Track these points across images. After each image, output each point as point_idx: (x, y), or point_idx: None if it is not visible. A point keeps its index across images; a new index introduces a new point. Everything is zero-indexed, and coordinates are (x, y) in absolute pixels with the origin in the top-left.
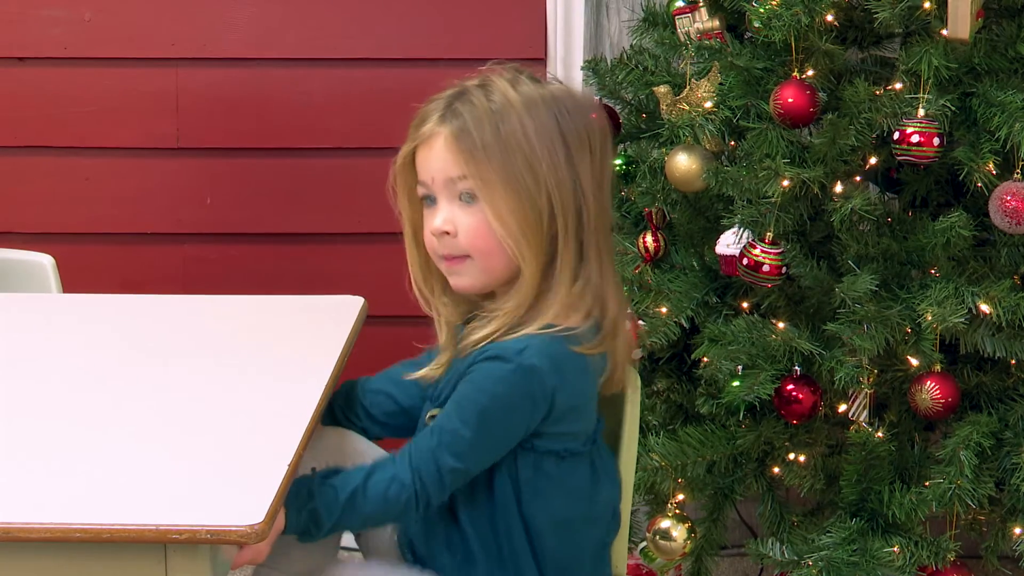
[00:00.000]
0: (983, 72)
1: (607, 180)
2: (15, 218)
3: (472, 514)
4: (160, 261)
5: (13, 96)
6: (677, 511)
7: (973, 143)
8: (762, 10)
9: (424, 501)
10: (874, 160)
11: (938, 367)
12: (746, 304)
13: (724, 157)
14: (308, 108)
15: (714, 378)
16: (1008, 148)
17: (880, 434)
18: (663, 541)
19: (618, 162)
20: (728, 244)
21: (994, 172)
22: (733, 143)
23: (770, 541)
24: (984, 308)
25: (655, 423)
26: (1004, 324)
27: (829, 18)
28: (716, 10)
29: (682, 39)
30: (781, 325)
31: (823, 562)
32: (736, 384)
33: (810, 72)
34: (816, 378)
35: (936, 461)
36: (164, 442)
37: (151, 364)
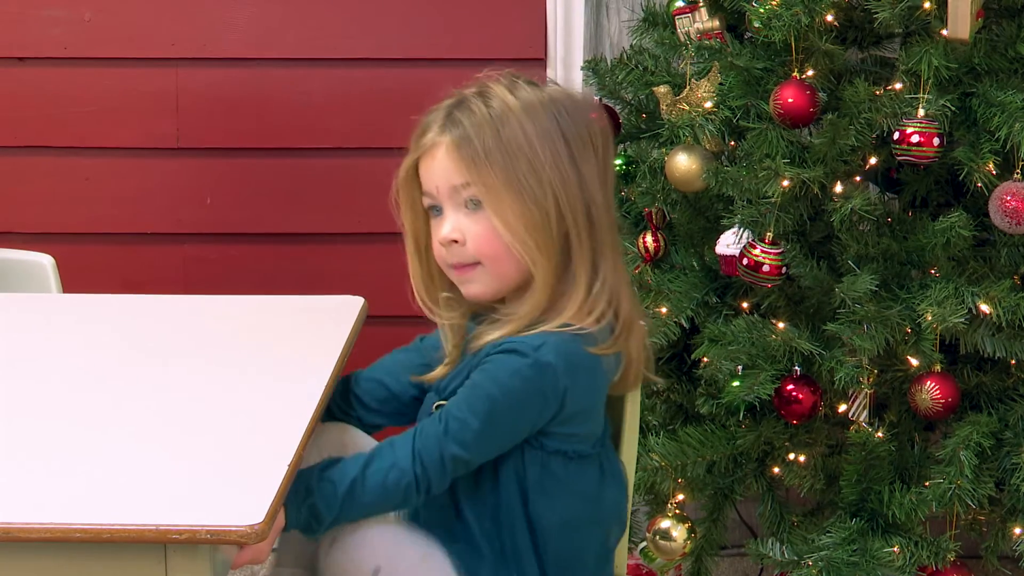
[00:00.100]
0: (983, 72)
1: (610, 179)
2: (15, 218)
3: (477, 510)
4: (160, 261)
5: (13, 96)
6: (677, 511)
7: (973, 143)
8: (762, 10)
9: (425, 486)
10: (874, 160)
11: (938, 367)
12: (746, 304)
13: (724, 157)
14: (308, 108)
15: (714, 378)
16: (1008, 148)
17: (880, 434)
18: (663, 541)
19: (618, 162)
20: (728, 244)
21: (994, 172)
22: (733, 143)
23: (770, 541)
24: (984, 308)
25: (655, 423)
26: (1004, 324)
27: (829, 18)
28: (716, 10)
29: (682, 39)
30: (781, 325)
31: (823, 562)
32: (736, 384)
33: (810, 72)
34: (816, 378)
35: (936, 461)
36: (164, 442)
37: (151, 364)
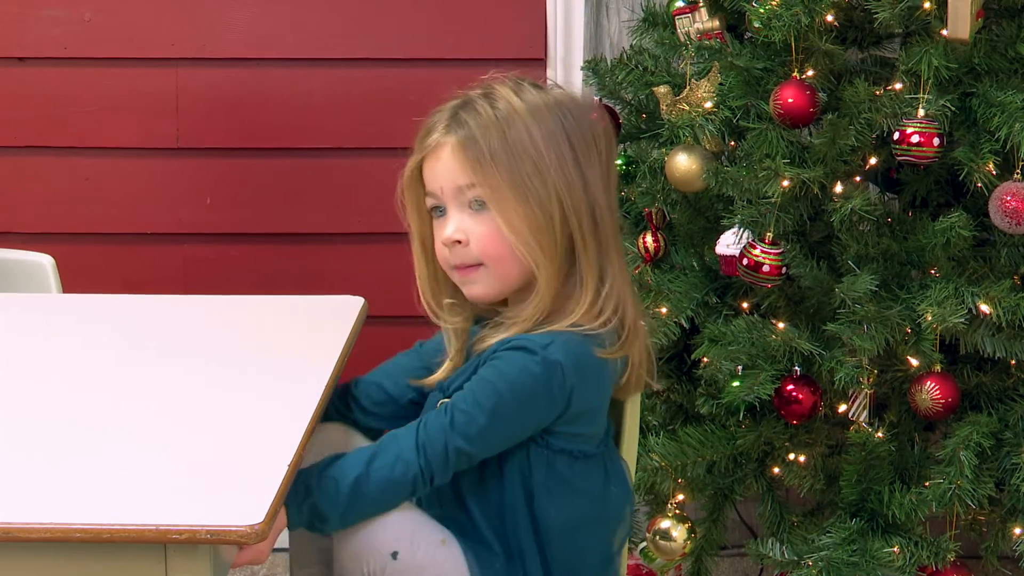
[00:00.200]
0: (983, 72)
1: (613, 182)
2: (15, 218)
3: (483, 508)
4: (160, 261)
5: (13, 96)
6: (677, 511)
7: (973, 143)
8: (762, 10)
9: (429, 478)
10: (874, 160)
11: (938, 367)
12: (746, 304)
13: (724, 157)
14: (308, 108)
15: (714, 378)
16: (1008, 148)
17: (880, 434)
18: (663, 541)
19: (618, 162)
20: (728, 244)
21: (994, 172)
22: (733, 143)
23: (770, 541)
24: (984, 308)
25: (655, 423)
26: (1004, 324)
27: (829, 18)
28: (716, 10)
29: (682, 39)
30: (781, 325)
31: (823, 562)
32: (736, 384)
33: (810, 72)
34: (816, 378)
35: (936, 461)
36: (164, 442)
37: (151, 364)
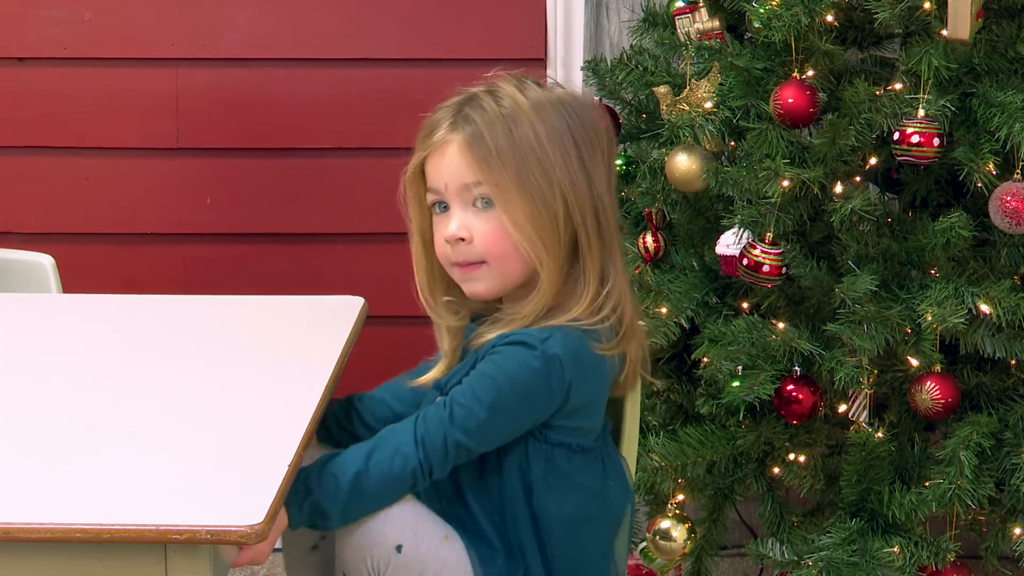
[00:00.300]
0: (983, 72)
1: (613, 181)
2: (15, 218)
3: (483, 503)
4: (160, 261)
5: (13, 96)
6: (677, 511)
7: (973, 143)
8: (762, 10)
9: (428, 471)
10: (874, 160)
11: (938, 367)
12: (746, 304)
13: (724, 157)
14: (308, 108)
15: (714, 378)
16: (1008, 148)
17: (880, 434)
18: (663, 541)
19: (618, 162)
20: (728, 244)
21: (994, 172)
22: (733, 143)
23: (770, 541)
24: (984, 308)
25: (655, 423)
26: (1004, 324)
27: (829, 18)
28: (716, 10)
29: (682, 39)
30: (781, 325)
31: (823, 562)
32: (736, 384)
33: (810, 72)
34: (816, 378)
35: (936, 461)
36: (164, 442)
37: (151, 364)
